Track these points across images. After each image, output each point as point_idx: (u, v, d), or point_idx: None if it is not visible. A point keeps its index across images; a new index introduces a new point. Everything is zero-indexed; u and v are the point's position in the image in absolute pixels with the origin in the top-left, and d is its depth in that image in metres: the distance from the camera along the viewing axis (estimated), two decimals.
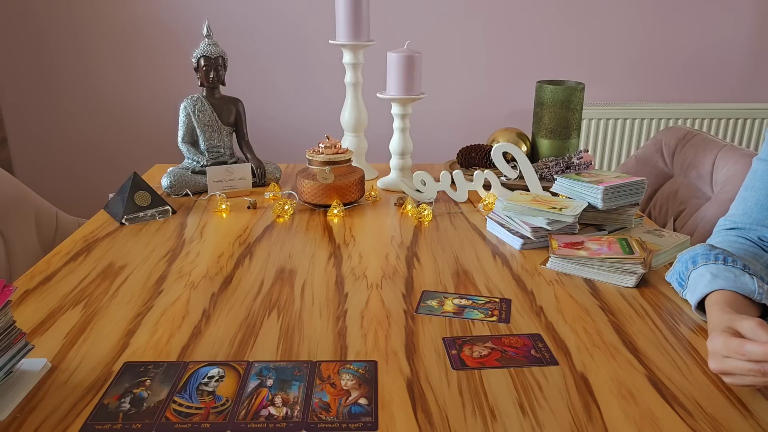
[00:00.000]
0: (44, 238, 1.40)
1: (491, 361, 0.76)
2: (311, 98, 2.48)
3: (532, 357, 0.77)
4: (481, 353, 0.78)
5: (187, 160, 1.46)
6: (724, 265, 0.84)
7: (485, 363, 0.76)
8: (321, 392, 0.70)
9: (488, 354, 0.77)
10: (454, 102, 2.50)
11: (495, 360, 0.76)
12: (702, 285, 0.84)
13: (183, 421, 0.65)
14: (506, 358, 0.77)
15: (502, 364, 0.75)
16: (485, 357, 0.77)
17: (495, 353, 0.78)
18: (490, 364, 0.76)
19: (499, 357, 0.77)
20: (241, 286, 0.97)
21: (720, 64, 2.50)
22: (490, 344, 0.80)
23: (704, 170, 1.42)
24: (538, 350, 0.79)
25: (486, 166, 1.45)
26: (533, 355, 0.77)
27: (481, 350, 0.78)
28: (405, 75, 1.34)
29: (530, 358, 0.77)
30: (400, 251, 1.12)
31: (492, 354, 0.77)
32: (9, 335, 0.69)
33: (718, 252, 0.86)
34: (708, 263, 0.85)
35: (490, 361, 0.76)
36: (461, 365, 0.75)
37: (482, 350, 0.78)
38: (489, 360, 0.76)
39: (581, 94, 1.49)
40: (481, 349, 0.78)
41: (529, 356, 0.77)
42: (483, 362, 0.76)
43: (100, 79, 2.45)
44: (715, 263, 0.85)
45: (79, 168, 2.57)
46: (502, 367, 0.75)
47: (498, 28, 2.43)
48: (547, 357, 0.77)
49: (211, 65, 1.41)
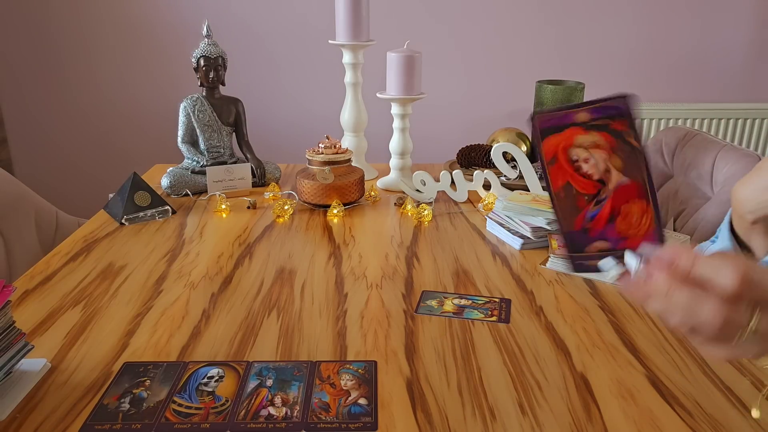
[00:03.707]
0: (44, 238, 1.40)
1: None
2: (311, 98, 2.48)
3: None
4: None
5: (187, 160, 1.46)
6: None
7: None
8: (321, 392, 0.70)
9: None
10: (454, 102, 2.50)
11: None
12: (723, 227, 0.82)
13: (183, 422, 0.65)
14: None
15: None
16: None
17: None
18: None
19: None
20: (241, 286, 0.97)
21: (720, 64, 2.50)
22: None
23: (704, 170, 1.42)
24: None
25: (486, 166, 1.44)
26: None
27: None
28: (405, 75, 1.34)
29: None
30: (400, 251, 1.12)
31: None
32: (9, 335, 0.69)
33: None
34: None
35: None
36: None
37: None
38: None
39: (581, 94, 1.49)
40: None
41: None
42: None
43: (101, 79, 2.45)
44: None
45: (79, 168, 2.56)
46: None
47: (498, 28, 2.43)
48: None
49: (210, 65, 1.41)
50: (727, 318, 0.42)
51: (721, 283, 0.42)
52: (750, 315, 0.42)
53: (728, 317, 0.42)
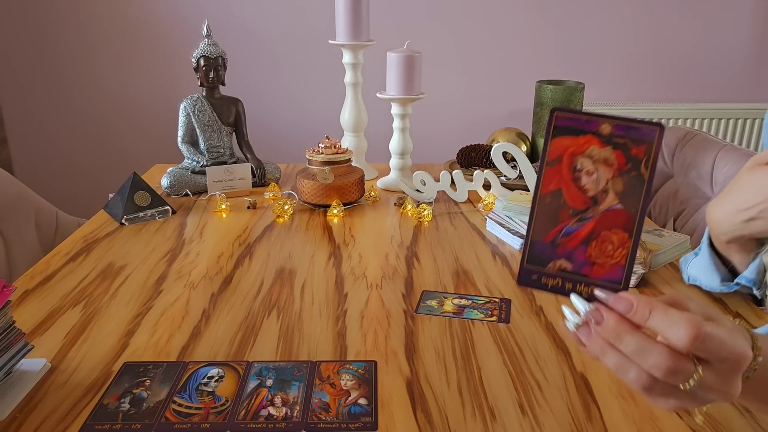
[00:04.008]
0: (44, 238, 1.40)
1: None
2: (311, 98, 2.48)
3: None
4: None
5: (187, 160, 1.46)
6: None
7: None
8: (321, 392, 0.70)
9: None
10: (453, 102, 2.50)
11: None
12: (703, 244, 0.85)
13: (183, 422, 0.65)
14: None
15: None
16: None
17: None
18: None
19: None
20: (241, 286, 0.97)
21: (719, 64, 2.50)
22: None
23: (704, 170, 1.42)
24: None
25: (486, 166, 1.44)
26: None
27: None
28: (405, 75, 1.34)
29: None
30: (400, 251, 1.12)
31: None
32: (9, 335, 0.69)
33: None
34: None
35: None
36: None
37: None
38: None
39: (581, 94, 1.49)
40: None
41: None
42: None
43: (101, 79, 2.45)
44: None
45: (80, 168, 2.56)
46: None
47: (498, 28, 2.43)
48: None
49: (210, 65, 1.41)
50: (674, 367, 0.42)
51: (673, 340, 0.42)
52: (694, 366, 0.43)
53: (675, 366, 0.42)
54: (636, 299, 0.44)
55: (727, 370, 0.43)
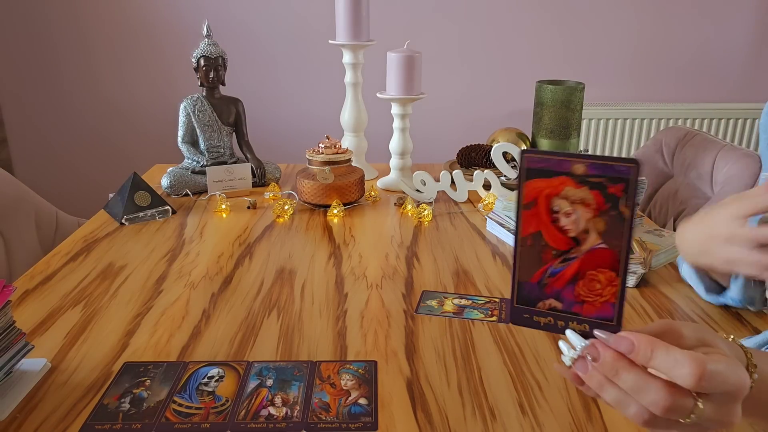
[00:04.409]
0: (44, 238, 1.40)
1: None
2: (311, 98, 2.48)
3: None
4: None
5: (187, 160, 1.46)
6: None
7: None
8: (321, 392, 0.70)
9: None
10: (454, 102, 2.50)
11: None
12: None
13: (183, 421, 0.65)
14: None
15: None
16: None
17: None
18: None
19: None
20: (241, 286, 0.97)
21: (720, 64, 2.50)
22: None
23: (704, 170, 1.42)
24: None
25: (486, 166, 1.44)
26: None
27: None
28: (405, 75, 1.34)
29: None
30: (400, 251, 1.12)
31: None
32: (9, 335, 0.69)
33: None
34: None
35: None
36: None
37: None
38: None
39: (581, 94, 1.49)
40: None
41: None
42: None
43: (101, 78, 2.45)
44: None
45: (80, 168, 2.56)
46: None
47: (498, 28, 2.43)
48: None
49: (210, 65, 1.41)
50: (672, 404, 0.42)
51: (678, 381, 0.42)
52: (694, 400, 0.42)
53: (674, 403, 0.42)
54: (637, 339, 0.44)
55: (727, 400, 0.43)
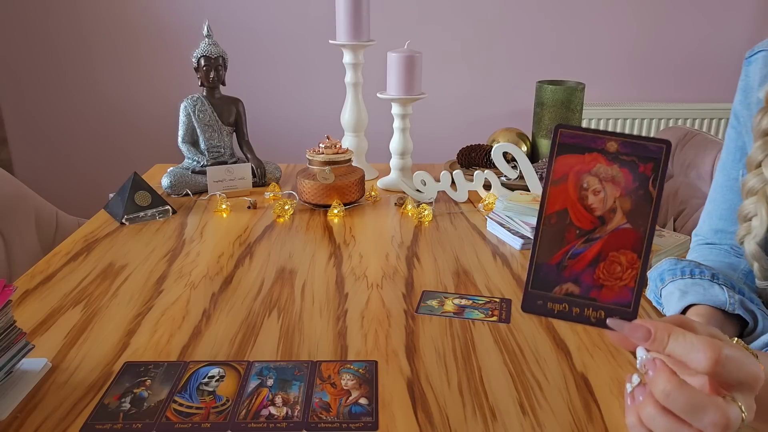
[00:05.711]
0: (44, 238, 1.40)
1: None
2: (311, 98, 2.48)
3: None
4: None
5: (187, 160, 1.46)
6: (692, 278, 0.81)
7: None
8: (321, 392, 0.70)
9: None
10: (454, 102, 2.50)
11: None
12: (673, 303, 0.81)
13: (183, 421, 0.65)
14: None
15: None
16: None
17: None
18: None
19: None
20: (242, 286, 0.97)
21: (719, 64, 2.50)
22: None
23: (704, 170, 1.42)
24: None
25: (486, 166, 1.45)
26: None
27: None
28: (405, 75, 1.34)
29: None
30: (400, 251, 1.12)
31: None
32: (9, 335, 0.69)
33: (684, 265, 0.83)
34: (675, 279, 0.83)
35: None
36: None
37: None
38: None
39: (581, 94, 1.49)
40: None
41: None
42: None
43: (101, 79, 2.45)
44: (682, 278, 0.82)
45: (80, 168, 2.57)
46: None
47: (498, 28, 2.43)
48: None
49: (211, 65, 1.41)
50: (729, 421, 0.41)
51: (694, 364, 0.42)
52: (737, 405, 0.42)
53: (730, 419, 0.41)
54: (653, 326, 0.43)
55: (745, 392, 0.43)
